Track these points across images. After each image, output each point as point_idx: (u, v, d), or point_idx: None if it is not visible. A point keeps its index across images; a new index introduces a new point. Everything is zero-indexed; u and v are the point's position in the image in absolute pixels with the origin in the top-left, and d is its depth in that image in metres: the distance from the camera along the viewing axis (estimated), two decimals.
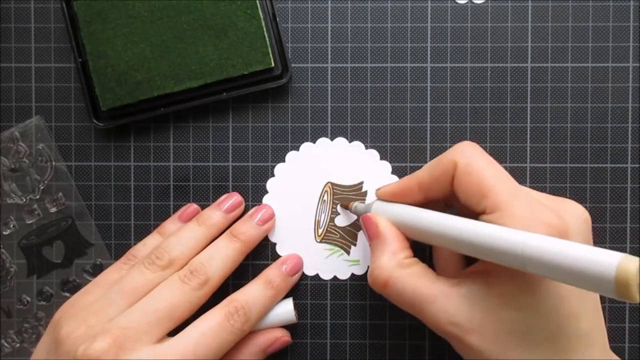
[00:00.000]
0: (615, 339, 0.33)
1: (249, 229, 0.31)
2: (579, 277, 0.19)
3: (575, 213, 0.25)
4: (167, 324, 0.27)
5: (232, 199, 0.32)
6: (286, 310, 0.31)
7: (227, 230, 0.31)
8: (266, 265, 0.33)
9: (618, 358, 0.25)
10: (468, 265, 0.27)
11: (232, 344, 0.28)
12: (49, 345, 0.28)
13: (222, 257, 0.30)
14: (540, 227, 0.23)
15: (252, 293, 0.30)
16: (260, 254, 0.33)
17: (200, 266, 0.29)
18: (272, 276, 0.31)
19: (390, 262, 0.26)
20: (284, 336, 0.32)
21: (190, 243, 0.30)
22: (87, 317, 0.27)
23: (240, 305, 0.29)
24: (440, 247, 0.28)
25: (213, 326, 0.27)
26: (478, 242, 0.22)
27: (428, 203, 0.28)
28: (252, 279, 0.31)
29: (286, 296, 0.32)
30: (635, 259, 0.17)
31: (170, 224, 0.33)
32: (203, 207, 0.34)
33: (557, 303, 0.23)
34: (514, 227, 0.22)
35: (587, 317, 0.23)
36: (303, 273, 0.33)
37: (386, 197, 0.29)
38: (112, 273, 0.30)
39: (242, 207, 0.33)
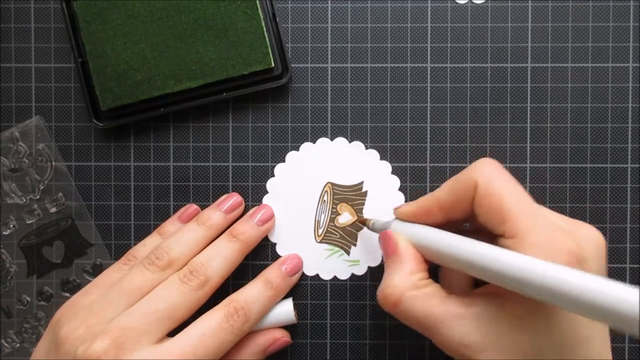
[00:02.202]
0: (615, 339, 0.33)
1: (248, 229, 0.31)
2: (599, 313, 0.19)
3: (591, 238, 0.25)
4: (166, 324, 0.27)
5: (232, 199, 0.32)
6: (286, 310, 0.31)
7: (227, 231, 0.31)
8: (266, 265, 0.33)
9: None
10: (477, 284, 0.27)
11: (231, 344, 0.28)
12: (49, 345, 0.28)
13: (222, 257, 0.30)
14: (558, 255, 0.22)
15: (252, 293, 0.30)
16: (260, 254, 0.33)
17: (199, 266, 0.29)
18: (272, 276, 0.31)
19: (404, 281, 0.26)
20: (283, 336, 0.32)
21: (190, 243, 0.30)
22: (87, 318, 0.27)
23: (240, 305, 0.29)
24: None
25: (213, 326, 0.27)
26: (498, 269, 0.22)
27: (449, 224, 0.27)
28: (252, 279, 0.31)
29: (286, 297, 0.32)
30: None
31: (170, 225, 0.33)
32: (203, 207, 0.33)
33: (569, 327, 0.23)
34: (533, 255, 0.22)
35: (597, 341, 0.23)
36: (303, 273, 0.33)
37: (405, 217, 0.28)
38: (112, 273, 0.30)
39: (242, 207, 0.33)
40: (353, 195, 0.33)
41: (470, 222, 0.28)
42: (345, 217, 0.34)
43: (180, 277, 0.29)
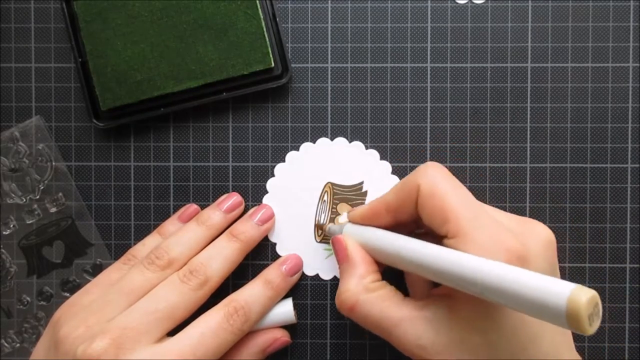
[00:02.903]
0: (615, 339, 0.33)
1: (248, 229, 0.31)
2: (532, 307, 0.19)
3: (537, 235, 0.25)
4: (166, 324, 0.27)
5: (232, 199, 0.32)
6: (286, 310, 0.31)
7: (227, 230, 0.31)
8: (266, 265, 0.33)
9: None
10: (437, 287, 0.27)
11: (231, 344, 0.28)
12: (48, 344, 0.28)
13: (222, 257, 0.30)
14: (501, 252, 0.23)
15: (252, 293, 0.30)
16: (260, 254, 0.33)
17: (199, 266, 0.29)
18: (272, 276, 0.31)
19: (357, 286, 0.26)
20: (283, 336, 0.32)
21: (189, 243, 0.30)
22: (87, 317, 0.27)
23: (239, 305, 0.29)
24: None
25: (212, 326, 0.27)
26: (438, 267, 0.22)
27: (399, 226, 0.28)
28: (252, 279, 0.31)
29: (286, 296, 0.32)
30: (587, 291, 0.17)
31: (170, 225, 0.33)
32: (203, 207, 0.33)
33: (518, 325, 0.23)
34: (475, 253, 0.22)
35: (548, 337, 0.24)
36: (303, 273, 0.33)
37: (357, 219, 0.29)
38: (112, 273, 0.30)
39: (242, 207, 0.33)
40: (353, 195, 0.34)
41: (420, 225, 0.29)
42: (345, 217, 0.34)
43: (180, 277, 0.29)
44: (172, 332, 0.28)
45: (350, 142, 0.34)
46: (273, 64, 0.32)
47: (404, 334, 0.24)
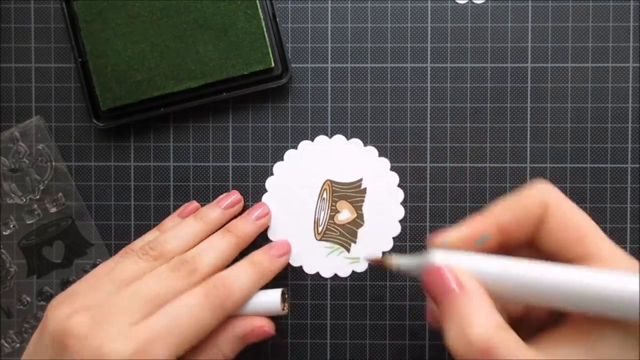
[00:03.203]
0: None
1: (244, 224, 0.31)
2: None
3: None
4: (148, 307, 0.26)
5: (232, 197, 0.33)
6: (272, 299, 0.29)
7: (223, 227, 0.31)
8: None
9: None
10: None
11: (210, 324, 0.27)
12: (39, 328, 0.27)
13: (214, 250, 0.29)
14: (635, 269, 0.21)
15: (235, 271, 0.29)
16: None
17: (190, 258, 0.29)
18: (258, 256, 0.31)
19: (489, 321, 0.21)
20: (264, 326, 0.29)
21: (186, 237, 0.30)
22: (74, 301, 0.27)
23: (219, 282, 0.28)
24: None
25: (189, 303, 0.26)
26: (591, 293, 0.20)
27: (499, 249, 0.24)
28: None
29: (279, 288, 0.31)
30: None
31: (170, 222, 0.33)
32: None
33: None
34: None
35: None
36: (303, 272, 0.33)
37: (455, 244, 0.24)
38: (108, 264, 0.30)
39: (241, 204, 0.33)
40: (352, 193, 0.34)
41: (533, 249, 0.25)
42: (345, 215, 0.34)
43: (170, 267, 0.28)
44: None
45: (348, 139, 0.34)
46: (273, 64, 0.32)
47: None
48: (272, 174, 0.34)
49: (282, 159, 0.34)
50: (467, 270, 0.22)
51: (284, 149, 0.34)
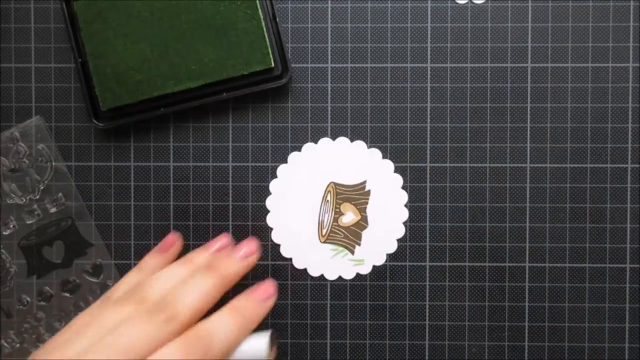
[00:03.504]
0: (615, 339, 0.33)
1: (229, 263, 0.29)
2: None
3: None
4: None
5: (221, 241, 0.30)
6: (258, 348, 0.27)
7: (206, 263, 0.29)
8: (267, 265, 0.33)
9: None
10: None
11: None
12: None
13: (197, 291, 0.26)
14: None
15: (217, 322, 0.26)
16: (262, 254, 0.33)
17: (170, 300, 0.26)
18: (241, 302, 0.28)
19: None
20: None
21: (172, 282, 0.27)
22: (52, 353, 0.25)
23: (201, 335, 0.25)
24: None
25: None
26: None
27: None
28: (257, 282, 0.29)
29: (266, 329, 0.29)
30: None
31: (151, 260, 0.31)
32: (202, 207, 0.34)
33: None
34: None
35: None
36: (307, 273, 0.33)
37: None
38: (85, 314, 0.27)
39: (230, 248, 0.31)
40: (356, 195, 0.34)
41: None
42: (349, 217, 0.34)
43: (146, 311, 0.25)
44: None
45: (351, 141, 0.34)
46: (273, 64, 0.32)
47: None
48: (275, 176, 0.34)
49: (286, 161, 0.34)
50: None
51: (284, 149, 0.34)
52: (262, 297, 0.28)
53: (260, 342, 0.27)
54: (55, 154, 0.34)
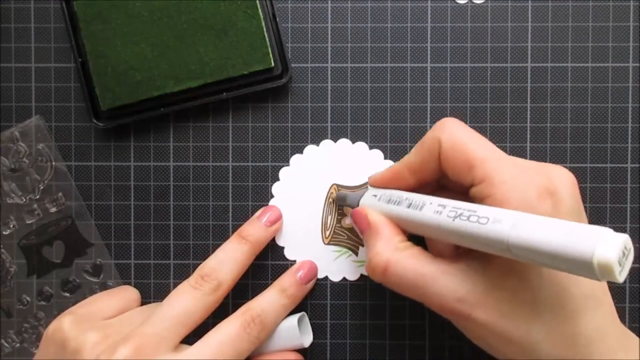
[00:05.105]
0: None
1: (257, 231, 0.31)
2: (560, 265, 0.19)
3: (562, 176, 0.24)
4: (182, 329, 0.28)
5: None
6: (292, 329, 0.31)
7: (236, 233, 0.31)
8: (267, 265, 0.33)
9: (624, 327, 0.24)
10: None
11: (248, 352, 0.28)
12: (56, 352, 0.27)
13: (232, 260, 0.30)
14: (531, 189, 0.23)
15: (267, 301, 0.30)
16: (261, 254, 0.33)
17: (210, 271, 0.29)
18: (287, 284, 0.31)
19: (386, 247, 0.26)
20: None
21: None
22: (103, 329, 0.28)
23: (256, 314, 0.29)
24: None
25: (231, 335, 0.28)
26: (463, 233, 0.22)
27: (422, 187, 0.27)
28: (252, 279, 0.31)
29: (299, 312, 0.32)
30: (613, 242, 0.17)
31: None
32: (202, 207, 0.34)
33: (560, 283, 0.23)
34: (504, 193, 0.22)
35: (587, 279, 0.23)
36: None
37: (378, 183, 0.29)
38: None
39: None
40: None
41: (442, 184, 0.29)
42: (350, 220, 0.34)
43: (192, 283, 0.29)
44: (185, 338, 0.28)
45: (353, 143, 0.34)
46: (273, 64, 0.32)
47: (441, 289, 0.24)
48: (277, 179, 0.34)
49: (287, 163, 0.34)
50: (375, 210, 0.27)
51: (284, 149, 0.34)
52: (305, 279, 0.32)
53: (292, 325, 0.31)
54: (55, 153, 0.34)
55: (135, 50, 0.32)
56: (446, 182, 0.28)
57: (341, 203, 0.32)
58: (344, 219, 0.33)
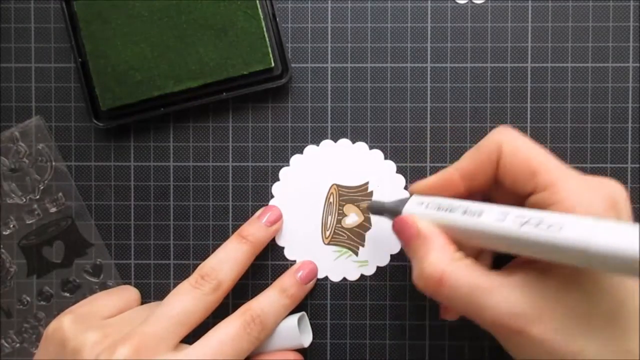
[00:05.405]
0: None
1: (257, 231, 0.31)
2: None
3: (620, 190, 0.24)
4: (181, 329, 0.28)
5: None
6: (292, 328, 0.31)
7: (236, 232, 0.31)
8: (267, 265, 0.33)
9: None
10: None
11: (248, 352, 0.28)
12: (56, 351, 0.27)
13: (232, 260, 0.30)
14: (598, 200, 0.22)
15: (267, 301, 0.30)
16: (262, 254, 0.33)
17: (210, 271, 0.29)
18: (287, 284, 0.31)
19: (441, 257, 0.24)
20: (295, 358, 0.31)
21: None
22: (103, 328, 0.28)
23: (256, 314, 0.29)
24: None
25: (230, 334, 0.28)
26: (533, 241, 0.21)
27: (469, 196, 0.26)
28: (251, 279, 0.31)
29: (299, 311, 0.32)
30: None
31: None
32: (202, 207, 0.34)
33: (617, 279, 0.22)
34: (570, 200, 0.22)
35: None
36: None
37: (423, 190, 0.27)
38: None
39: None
40: (359, 196, 0.33)
41: (491, 193, 0.28)
42: (352, 218, 0.34)
43: (192, 283, 0.29)
44: (185, 338, 0.28)
45: (353, 143, 0.34)
46: (273, 64, 0.32)
47: (498, 302, 0.22)
48: (277, 179, 0.34)
49: (287, 163, 0.34)
50: (426, 218, 0.26)
51: (284, 149, 0.34)
52: (305, 279, 0.32)
53: (292, 325, 0.31)
54: (55, 153, 0.34)
55: (135, 50, 0.32)
56: (495, 192, 0.27)
57: (375, 213, 0.30)
58: (344, 219, 0.33)
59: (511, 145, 0.25)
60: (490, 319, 0.23)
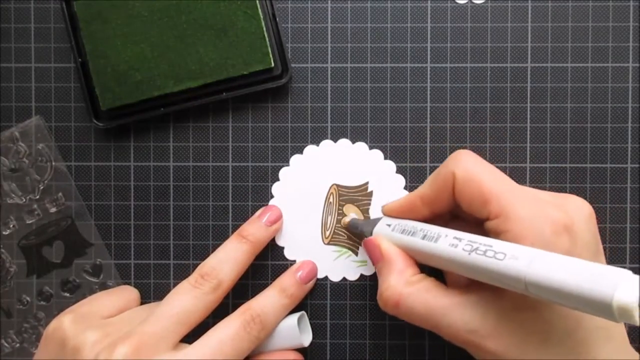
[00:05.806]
0: None
1: (257, 231, 0.31)
2: (579, 305, 0.19)
3: (578, 208, 0.24)
4: (181, 329, 0.28)
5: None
6: (292, 328, 0.31)
7: (236, 232, 0.31)
8: (267, 265, 0.33)
9: (638, 355, 0.24)
10: None
11: (248, 352, 0.28)
12: (56, 351, 0.27)
13: (232, 260, 0.30)
14: (546, 225, 0.23)
15: (267, 301, 0.30)
16: (262, 254, 0.33)
17: (210, 270, 0.29)
18: (287, 284, 0.31)
19: (398, 280, 0.26)
20: (295, 358, 0.31)
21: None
22: (103, 327, 0.28)
23: (255, 313, 0.29)
24: None
25: (230, 334, 0.28)
26: (479, 267, 0.22)
27: (436, 218, 0.28)
28: (251, 279, 0.31)
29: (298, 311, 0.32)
30: (633, 285, 0.17)
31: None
32: (202, 207, 0.34)
33: (573, 319, 0.23)
34: (519, 229, 0.22)
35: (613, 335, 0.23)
36: None
37: (392, 213, 0.29)
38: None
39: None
40: (359, 196, 0.33)
41: (457, 215, 0.29)
42: (353, 216, 0.34)
43: (192, 283, 0.29)
44: (185, 338, 0.28)
45: (353, 143, 0.34)
46: (273, 64, 0.32)
47: (453, 322, 0.24)
48: (277, 179, 0.34)
49: (287, 163, 0.34)
50: (388, 240, 0.28)
51: (284, 149, 0.34)
52: (305, 279, 0.32)
53: (292, 324, 0.31)
54: (55, 153, 0.34)
55: (135, 50, 0.32)
56: (460, 213, 0.28)
57: (353, 230, 0.32)
58: (344, 219, 0.33)
59: (464, 172, 0.25)
60: (447, 336, 0.25)
